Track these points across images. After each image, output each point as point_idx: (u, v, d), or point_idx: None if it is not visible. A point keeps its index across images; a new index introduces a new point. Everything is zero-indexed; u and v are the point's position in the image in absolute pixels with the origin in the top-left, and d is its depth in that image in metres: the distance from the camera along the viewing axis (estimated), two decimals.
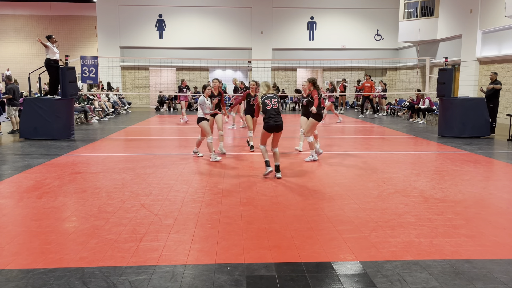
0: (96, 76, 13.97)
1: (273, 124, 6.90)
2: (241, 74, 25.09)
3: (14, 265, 3.71)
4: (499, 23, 15.86)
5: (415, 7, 21.00)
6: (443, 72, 12.41)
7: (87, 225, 4.73)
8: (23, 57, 29.19)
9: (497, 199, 5.90)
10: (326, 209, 5.34)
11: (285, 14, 24.46)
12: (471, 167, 7.97)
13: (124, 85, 24.51)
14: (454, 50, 18.85)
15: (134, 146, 10.64)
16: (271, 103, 6.95)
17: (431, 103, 16.66)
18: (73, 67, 12.05)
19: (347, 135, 12.87)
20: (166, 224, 4.77)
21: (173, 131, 14.06)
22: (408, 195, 6.01)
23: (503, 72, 15.84)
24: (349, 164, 8.23)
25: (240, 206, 5.47)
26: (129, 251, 4.02)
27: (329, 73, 25.42)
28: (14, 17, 29.44)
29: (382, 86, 20.49)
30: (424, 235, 4.48)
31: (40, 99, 11.57)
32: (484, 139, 11.71)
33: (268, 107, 6.93)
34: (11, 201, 5.69)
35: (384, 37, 24.84)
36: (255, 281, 3.46)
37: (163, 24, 24.20)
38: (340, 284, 3.42)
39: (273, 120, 6.90)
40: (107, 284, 3.38)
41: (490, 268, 3.71)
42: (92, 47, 29.07)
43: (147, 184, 6.61)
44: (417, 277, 3.54)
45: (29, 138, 11.28)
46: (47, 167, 7.84)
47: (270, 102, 6.95)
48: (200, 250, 4.05)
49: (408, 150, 10.10)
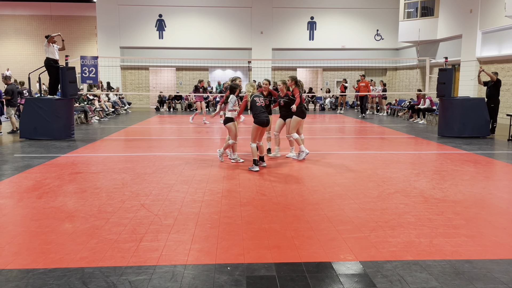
0: (96, 76, 13.98)
1: (264, 119, 7.74)
2: (241, 74, 25.10)
3: (14, 265, 3.71)
4: (499, 23, 15.87)
5: (415, 7, 21.00)
6: (443, 72, 12.41)
7: (87, 225, 4.73)
8: (23, 57, 29.18)
9: (497, 199, 5.90)
10: (326, 209, 5.34)
11: (285, 14, 24.46)
12: (471, 167, 7.97)
13: (124, 85, 24.51)
14: (454, 50, 18.85)
15: (134, 146, 10.64)
16: (260, 101, 7.86)
17: (432, 103, 16.66)
18: (73, 67, 12.05)
19: (347, 135, 12.87)
20: (166, 224, 4.77)
21: (173, 131, 14.06)
22: (408, 195, 6.01)
23: (503, 72, 15.84)
24: (349, 164, 8.23)
25: (240, 206, 5.47)
26: (129, 251, 4.02)
27: (329, 73, 25.43)
28: (14, 17, 29.43)
29: (382, 86, 20.49)
30: (424, 235, 4.47)
31: (40, 99, 11.57)
32: (484, 139, 11.71)
33: (258, 104, 7.80)
34: (11, 201, 5.69)
35: (384, 37, 24.85)
36: (255, 281, 3.46)
37: (163, 24, 24.21)
38: (340, 284, 3.42)
39: (264, 116, 7.79)
40: (107, 284, 3.38)
41: (490, 268, 3.71)
42: (92, 47, 29.07)
43: (147, 184, 6.61)
44: (417, 277, 3.54)
45: (29, 138, 11.28)
46: (47, 167, 7.84)
47: (259, 100, 7.87)
48: (200, 250, 4.05)
49: (408, 150, 10.10)
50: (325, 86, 25.07)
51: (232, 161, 8.39)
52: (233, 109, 8.15)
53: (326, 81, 25.45)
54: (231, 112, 8.16)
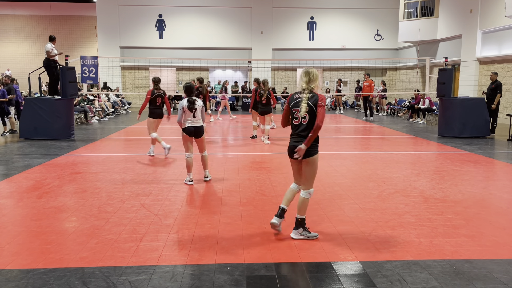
0: (96, 76, 13.97)
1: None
2: (241, 74, 25.10)
3: (14, 265, 3.71)
4: (499, 23, 15.86)
5: (415, 7, 21.00)
6: (443, 72, 12.40)
7: (87, 225, 4.73)
8: (23, 57, 29.17)
9: (497, 199, 5.90)
10: (326, 209, 5.34)
11: (285, 14, 24.46)
12: (471, 167, 7.97)
13: (124, 85, 24.51)
14: (454, 50, 18.84)
15: (134, 146, 10.64)
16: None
17: (431, 103, 16.66)
18: (73, 67, 12.05)
19: (347, 135, 12.87)
20: (166, 224, 4.77)
21: (173, 131, 14.05)
22: (408, 195, 6.01)
23: (503, 72, 15.84)
24: (349, 164, 8.23)
25: (240, 206, 5.46)
26: (129, 251, 4.02)
27: (329, 73, 25.42)
28: (14, 17, 29.42)
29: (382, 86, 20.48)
30: (424, 235, 4.47)
31: (40, 99, 11.57)
32: (484, 139, 11.71)
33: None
34: (11, 201, 5.69)
35: (384, 37, 24.84)
36: (255, 281, 3.46)
37: (163, 24, 24.20)
38: (340, 284, 3.42)
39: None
40: (107, 284, 3.38)
41: (490, 268, 3.70)
42: (92, 47, 29.05)
43: (147, 184, 6.61)
44: (417, 277, 3.54)
45: (29, 138, 11.28)
46: (47, 167, 7.84)
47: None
48: (200, 250, 4.05)
49: (408, 150, 10.10)
50: (325, 86, 25.07)
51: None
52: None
53: (326, 81, 25.44)
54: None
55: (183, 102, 6.39)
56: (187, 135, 6.49)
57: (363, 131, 13.95)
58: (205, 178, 6.86)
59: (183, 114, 6.39)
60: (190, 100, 6.40)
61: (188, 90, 6.51)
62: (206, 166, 6.84)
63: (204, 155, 6.74)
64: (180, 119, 6.40)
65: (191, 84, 6.57)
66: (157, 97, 8.77)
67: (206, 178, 6.84)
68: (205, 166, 6.83)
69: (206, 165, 6.82)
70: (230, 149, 10.00)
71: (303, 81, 4.19)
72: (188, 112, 6.40)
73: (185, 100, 6.43)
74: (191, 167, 6.63)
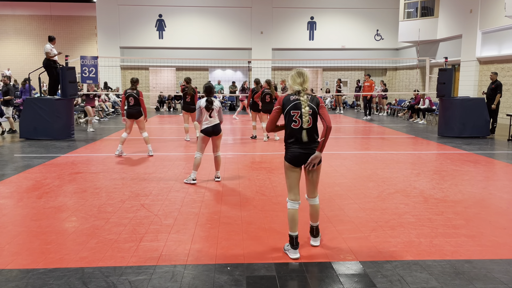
0: (96, 76, 13.96)
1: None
2: (241, 74, 25.10)
3: (14, 265, 3.71)
4: (499, 23, 15.86)
5: (415, 7, 21.00)
6: (443, 72, 12.40)
7: (87, 225, 4.73)
8: (23, 57, 29.17)
9: (497, 199, 5.90)
10: (326, 209, 5.34)
11: (285, 14, 24.46)
12: (471, 167, 7.97)
13: (124, 85, 24.49)
14: (454, 50, 18.85)
15: (134, 146, 10.64)
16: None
17: (431, 103, 16.66)
18: (73, 67, 12.05)
19: (347, 135, 12.87)
20: (166, 224, 4.77)
21: (173, 131, 14.05)
22: (408, 195, 6.01)
23: (503, 72, 15.84)
24: (349, 164, 8.23)
25: (240, 206, 5.46)
26: (129, 251, 4.02)
27: (329, 73, 25.42)
28: (14, 17, 29.42)
29: (382, 86, 20.48)
30: (424, 235, 4.47)
31: (40, 99, 11.57)
32: (484, 139, 11.71)
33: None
34: (11, 201, 5.69)
35: (384, 37, 24.85)
36: (255, 281, 3.46)
37: (163, 24, 24.20)
38: (340, 284, 3.42)
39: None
40: (107, 284, 3.38)
41: (490, 268, 3.70)
42: (92, 47, 29.06)
43: (147, 184, 6.61)
44: (417, 277, 3.54)
45: (29, 138, 11.28)
46: (47, 167, 7.84)
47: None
48: (200, 250, 4.05)
49: (408, 150, 10.10)
50: (325, 86, 25.07)
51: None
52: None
53: (326, 81, 25.45)
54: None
55: (201, 102, 6.49)
56: (205, 136, 6.58)
57: (363, 131, 13.95)
58: (216, 178, 6.92)
59: (200, 113, 6.49)
60: (208, 100, 6.50)
61: (207, 90, 6.59)
62: (219, 167, 6.91)
63: (218, 156, 6.81)
64: (198, 118, 6.50)
65: (210, 85, 6.69)
66: (129, 96, 8.88)
67: (218, 178, 6.90)
68: (218, 167, 6.90)
69: (219, 166, 6.90)
70: (230, 149, 10.00)
71: (297, 82, 3.94)
72: (205, 112, 6.48)
73: (203, 99, 6.52)
74: (198, 166, 6.72)
